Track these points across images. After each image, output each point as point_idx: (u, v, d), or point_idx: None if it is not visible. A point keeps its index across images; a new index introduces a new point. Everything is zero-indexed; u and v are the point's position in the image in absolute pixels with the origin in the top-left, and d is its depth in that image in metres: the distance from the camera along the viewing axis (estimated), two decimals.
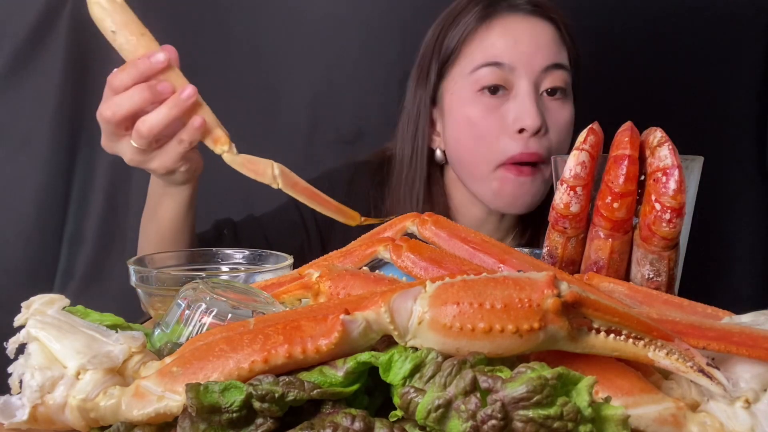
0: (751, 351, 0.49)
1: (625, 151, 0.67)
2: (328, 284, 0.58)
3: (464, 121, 1.15)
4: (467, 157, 1.17)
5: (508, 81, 1.12)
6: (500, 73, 1.12)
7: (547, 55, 1.13)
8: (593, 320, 0.45)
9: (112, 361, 0.48)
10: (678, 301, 0.62)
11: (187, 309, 0.60)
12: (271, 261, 0.87)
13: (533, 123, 1.09)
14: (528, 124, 1.09)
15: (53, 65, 1.53)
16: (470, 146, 1.15)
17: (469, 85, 1.14)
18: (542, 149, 1.11)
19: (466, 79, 1.15)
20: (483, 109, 1.13)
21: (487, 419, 0.39)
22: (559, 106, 1.14)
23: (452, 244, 0.69)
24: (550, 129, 1.12)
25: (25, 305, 0.53)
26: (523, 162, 1.11)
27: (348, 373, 0.45)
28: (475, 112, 1.14)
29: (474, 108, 1.14)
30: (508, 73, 1.12)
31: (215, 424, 0.43)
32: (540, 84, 1.13)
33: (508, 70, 1.12)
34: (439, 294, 0.44)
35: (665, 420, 0.46)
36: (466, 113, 1.15)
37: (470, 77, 1.14)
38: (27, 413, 0.47)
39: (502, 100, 1.12)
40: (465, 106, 1.15)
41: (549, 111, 1.13)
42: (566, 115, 1.15)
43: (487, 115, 1.13)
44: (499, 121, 1.12)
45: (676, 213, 0.65)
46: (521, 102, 1.11)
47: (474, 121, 1.14)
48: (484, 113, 1.13)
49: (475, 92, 1.14)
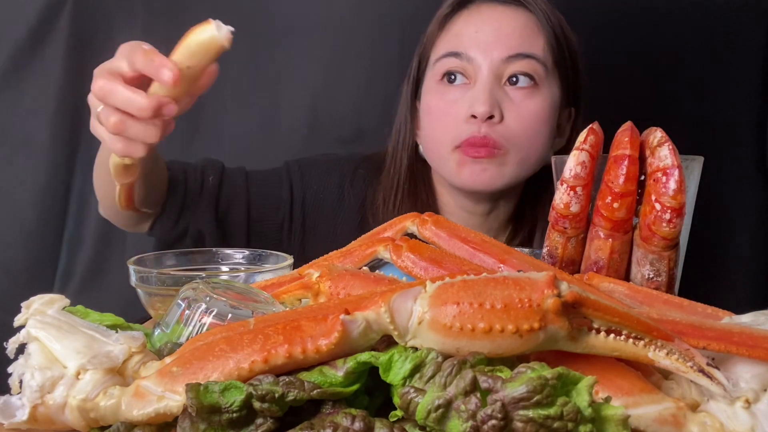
0: (751, 351, 0.49)
1: (625, 151, 0.67)
2: (328, 284, 0.58)
3: (427, 109, 1.18)
4: (428, 143, 1.19)
5: (468, 71, 1.13)
6: (459, 63, 1.13)
7: (510, 45, 1.12)
8: (593, 320, 0.45)
9: (112, 361, 0.48)
10: (678, 301, 0.62)
11: (187, 309, 0.60)
12: (271, 261, 0.87)
13: (482, 109, 1.09)
14: (478, 110, 1.09)
15: (53, 65, 1.53)
16: (431, 133, 1.17)
17: (434, 75, 1.17)
18: (496, 135, 1.11)
19: (432, 69, 1.17)
20: (442, 98, 1.15)
21: (487, 419, 0.39)
22: (523, 96, 1.13)
23: (452, 244, 0.69)
24: (508, 117, 1.11)
25: (25, 305, 0.53)
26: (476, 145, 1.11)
27: (348, 373, 0.45)
28: (435, 101, 1.16)
29: (434, 96, 1.16)
30: (467, 62, 1.13)
31: (215, 424, 0.43)
32: (503, 73, 1.12)
33: (466, 59, 1.13)
34: (439, 294, 0.44)
35: (665, 420, 0.46)
36: (428, 102, 1.17)
37: (434, 67, 1.16)
38: (27, 413, 0.47)
39: (463, 90, 1.13)
40: (429, 95, 1.18)
41: (511, 100, 1.12)
42: (532, 106, 1.13)
43: (446, 104, 1.14)
44: (457, 109, 1.13)
45: (676, 213, 0.65)
46: (476, 90, 1.11)
47: (433, 109, 1.16)
48: (443, 102, 1.15)
49: (437, 81, 1.16)
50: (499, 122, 1.11)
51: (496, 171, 1.13)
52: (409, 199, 1.22)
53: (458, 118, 1.12)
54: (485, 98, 1.10)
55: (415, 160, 1.23)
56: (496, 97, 1.11)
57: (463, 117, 1.12)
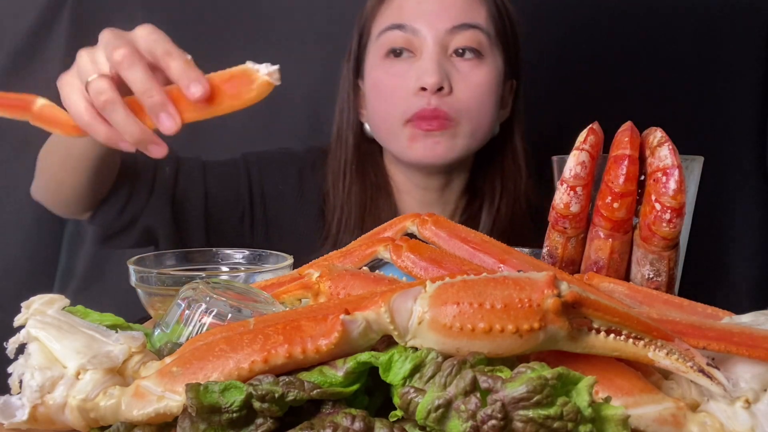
0: (751, 351, 0.49)
1: (625, 151, 0.67)
2: (328, 284, 0.58)
3: (373, 85, 1.16)
4: (377, 120, 1.16)
5: (413, 43, 1.11)
6: (404, 36, 1.11)
7: (454, 15, 1.11)
8: (593, 320, 0.45)
9: (112, 361, 0.48)
10: (678, 301, 0.62)
11: (187, 309, 0.60)
12: (271, 261, 0.87)
13: (431, 80, 1.08)
14: (427, 82, 1.08)
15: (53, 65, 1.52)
16: (379, 109, 1.15)
17: (377, 50, 1.14)
18: (446, 107, 1.10)
19: (375, 44, 1.15)
20: (389, 73, 1.13)
21: (487, 419, 0.39)
22: (471, 67, 1.12)
23: (452, 244, 0.69)
24: (457, 89, 1.11)
25: (25, 305, 0.53)
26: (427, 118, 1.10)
27: (348, 373, 0.45)
28: (381, 76, 1.14)
29: (380, 72, 1.14)
30: (411, 34, 1.11)
31: (215, 424, 0.43)
32: (448, 45, 1.11)
33: (411, 31, 1.11)
34: (439, 294, 0.44)
35: (665, 420, 0.46)
36: (374, 77, 1.15)
37: (377, 42, 1.14)
38: (27, 413, 0.47)
39: (409, 63, 1.12)
40: (374, 70, 1.15)
41: (458, 72, 1.11)
42: (479, 77, 1.13)
43: (392, 77, 1.12)
44: (405, 83, 1.11)
45: (676, 213, 0.65)
46: (423, 62, 1.10)
47: (380, 84, 1.14)
48: (390, 76, 1.13)
49: (382, 56, 1.14)
50: (448, 94, 1.10)
51: (448, 143, 1.12)
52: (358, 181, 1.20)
53: (407, 92, 1.11)
54: (434, 69, 1.08)
55: (361, 140, 1.21)
56: (443, 67, 1.10)
57: (412, 90, 1.10)
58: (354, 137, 1.20)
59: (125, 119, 0.70)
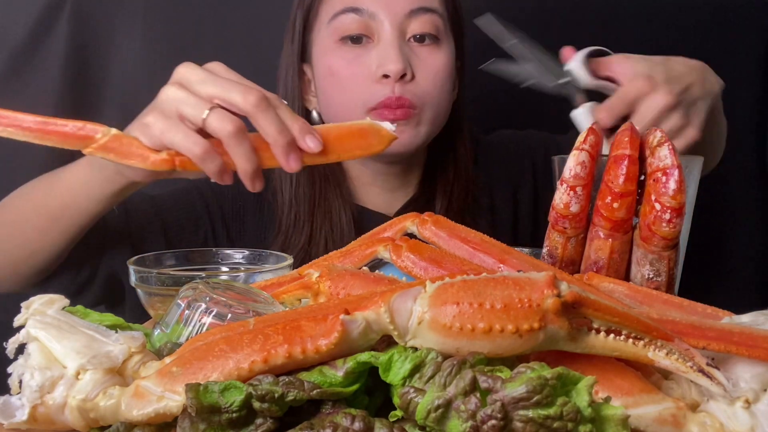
0: (751, 351, 0.49)
1: (625, 151, 0.67)
2: (328, 284, 0.58)
3: (328, 72, 1.10)
4: (335, 109, 1.11)
5: (370, 28, 1.07)
6: (360, 20, 1.07)
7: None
8: (593, 320, 0.45)
9: (111, 361, 0.48)
10: (678, 301, 0.62)
11: (186, 309, 0.60)
12: (271, 261, 0.87)
13: (395, 68, 1.04)
14: (390, 69, 1.04)
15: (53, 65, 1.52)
16: (337, 98, 1.10)
17: (330, 35, 1.09)
18: (409, 94, 1.07)
19: (327, 29, 1.09)
20: (346, 59, 1.08)
21: (487, 419, 0.39)
22: (429, 52, 1.09)
23: (452, 244, 0.69)
24: (418, 76, 1.08)
25: (25, 305, 0.53)
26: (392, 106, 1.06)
27: (348, 373, 0.45)
28: (338, 63, 1.09)
29: (336, 58, 1.09)
30: (368, 18, 1.06)
31: (215, 424, 0.43)
32: (406, 29, 1.07)
33: (368, 15, 1.06)
34: (439, 294, 0.44)
35: (665, 420, 0.46)
36: (329, 64, 1.09)
37: (330, 26, 1.09)
38: (27, 413, 0.47)
39: (367, 49, 1.07)
40: (327, 56, 1.10)
41: (417, 57, 1.08)
42: (438, 62, 1.10)
43: (350, 64, 1.08)
44: (364, 70, 1.07)
45: (676, 213, 0.65)
46: (383, 48, 1.06)
47: (337, 71, 1.09)
48: (347, 63, 1.08)
49: (337, 41, 1.08)
50: (410, 80, 1.07)
51: (412, 132, 1.09)
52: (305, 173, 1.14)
53: (368, 79, 1.06)
54: (396, 56, 1.05)
55: None
56: (405, 53, 1.07)
57: (374, 77, 1.06)
58: None
59: (250, 151, 0.71)
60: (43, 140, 0.69)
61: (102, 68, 1.52)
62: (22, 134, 0.69)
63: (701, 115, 0.93)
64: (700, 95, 0.94)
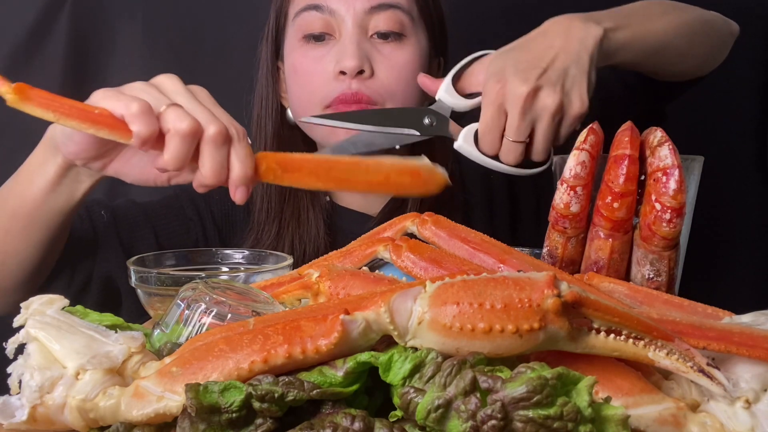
0: (751, 351, 0.49)
1: (626, 151, 0.67)
2: (328, 284, 0.58)
3: (292, 70, 1.10)
4: (298, 105, 1.11)
5: (331, 25, 1.06)
6: (322, 17, 1.06)
7: None
8: (593, 320, 0.45)
9: (111, 361, 0.48)
10: (678, 301, 0.62)
11: (186, 309, 0.60)
12: (270, 261, 0.87)
13: (350, 64, 1.03)
14: (346, 66, 1.03)
15: (53, 65, 1.52)
16: (299, 94, 1.10)
17: (295, 33, 1.09)
18: (368, 90, 1.05)
19: (291, 27, 1.10)
20: (308, 57, 1.08)
21: (487, 419, 0.39)
22: (393, 48, 1.08)
23: (452, 243, 0.69)
24: (379, 72, 1.06)
25: (25, 305, 0.53)
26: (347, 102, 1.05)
27: (348, 373, 0.45)
28: (299, 60, 1.09)
29: (299, 56, 1.09)
30: (329, 16, 1.06)
31: (215, 424, 0.43)
32: (368, 26, 1.06)
33: (328, 12, 1.06)
34: (439, 294, 0.44)
35: (665, 420, 0.46)
36: (293, 62, 1.10)
37: (294, 23, 1.09)
38: (26, 413, 0.47)
39: (329, 47, 1.07)
40: (291, 54, 1.10)
41: (380, 54, 1.07)
42: (402, 58, 1.08)
43: (312, 62, 1.07)
44: (325, 67, 1.06)
45: (677, 213, 0.65)
46: (342, 44, 1.05)
47: (299, 69, 1.09)
48: (309, 61, 1.08)
49: (300, 39, 1.08)
50: (369, 77, 1.06)
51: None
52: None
53: (326, 76, 1.06)
54: (353, 52, 1.04)
55: (281, 126, 1.15)
56: (364, 50, 1.06)
57: (332, 74, 1.06)
58: (273, 124, 1.15)
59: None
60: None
61: (102, 68, 1.52)
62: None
63: (581, 82, 0.87)
64: (572, 60, 0.87)
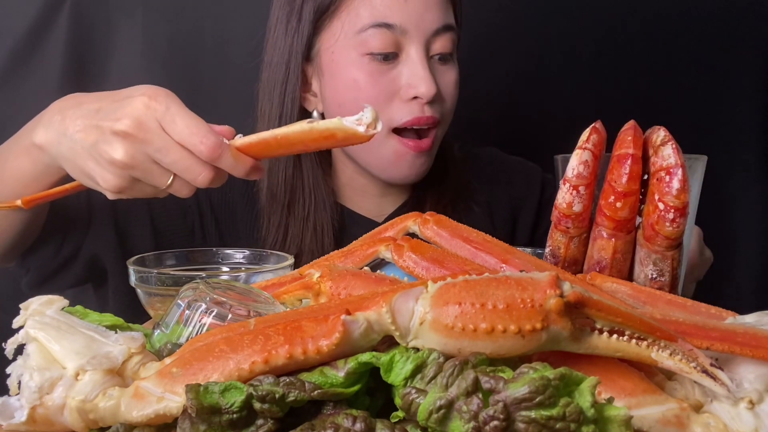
0: (755, 351, 0.49)
1: (628, 150, 0.67)
2: (329, 284, 0.58)
3: (351, 84, 1.05)
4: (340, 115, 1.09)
5: (399, 44, 1.04)
6: (391, 36, 1.02)
7: (437, 16, 1.04)
8: (596, 320, 0.45)
9: (111, 361, 0.48)
10: (681, 301, 0.62)
11: (187, 309, 0.59)
12: (271, 261, 0.87)
13: (428, 91, 1.02)
14: (422, 92, 1.02)
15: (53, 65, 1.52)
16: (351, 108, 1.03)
17: (355, 47, 1.04)
18: (437, 113, 1.06)
19: (352, 40, 1.04)
20: (372, 74, 1.04)
21: (489, 420, 0.39)
22: (446, 70, 1.08)
23: (454, 243, 0.69)
24: (442, 94, 1.07)
25: (24, 306, 0.53)
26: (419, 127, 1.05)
27: (349, 374, 0.44)
28: (362, 77, 1.04)
29: (361, 72, 1.04)
30: (399, 35, 1.03)
31: (215, 425, 0.43)
32: (430, 47, 1.05)
33: (399, 32, 1.03)
34: (441, 294, 0.44)
35: (668, 421, 0.46)
36: (352, 76, 1.05)
37: (356, 38, 1.04)
38: (26, 414, 0.47)
39: (393, 64, 1.04)
40: (350, 68, 1.05)
41: (440, 76, 1.06)
42: (454, 78, 1.09)
43: (376, 80, 1.04)
44: (390, 86, 1.04)
45: (680, 212, 0.65)
46: (413, 67, 1.03)
47: (361, 86, 1.05)
48: (373, 78, 1.04)
49: (362, 55, 1.04)
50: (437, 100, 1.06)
51: (428, 159, 1.09)
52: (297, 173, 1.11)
53: (395, 98, 1.04)
54: (428, 78, 1.02)
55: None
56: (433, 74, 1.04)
57: (402, 96, 1.04)
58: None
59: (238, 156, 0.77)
60: None
61: (101, 68, 1.52)
62: None
63: None
64: None
